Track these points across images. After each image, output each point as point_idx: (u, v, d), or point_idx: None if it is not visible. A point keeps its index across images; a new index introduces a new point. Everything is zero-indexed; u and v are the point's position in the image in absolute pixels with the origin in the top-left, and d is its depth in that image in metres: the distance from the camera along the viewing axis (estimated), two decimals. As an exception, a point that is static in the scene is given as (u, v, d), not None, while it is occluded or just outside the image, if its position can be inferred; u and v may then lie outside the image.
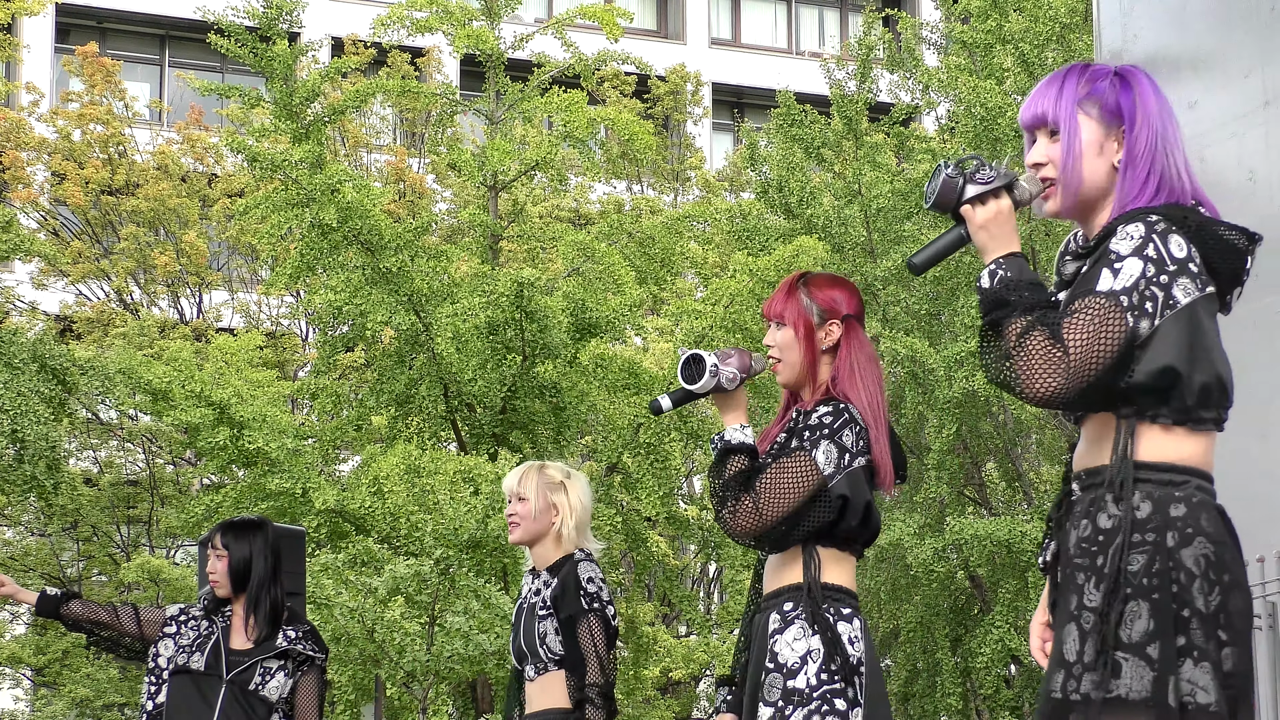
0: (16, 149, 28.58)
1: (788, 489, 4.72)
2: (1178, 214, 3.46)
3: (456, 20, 19.72)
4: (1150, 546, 3.36)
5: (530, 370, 18.57)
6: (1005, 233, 3.54)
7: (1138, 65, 9.32)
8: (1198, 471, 3.45)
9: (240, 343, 22.08)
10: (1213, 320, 3.47)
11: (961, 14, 22.03)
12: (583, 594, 6.18)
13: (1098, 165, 3.55)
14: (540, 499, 6.31)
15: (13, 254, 18.82)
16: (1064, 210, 3.57)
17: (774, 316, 4.93)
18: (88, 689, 24.65)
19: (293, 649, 6.91)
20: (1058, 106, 3.56)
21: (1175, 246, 3.42)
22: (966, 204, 3.56)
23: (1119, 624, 3.33)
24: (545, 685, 6.22)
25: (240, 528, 7.05)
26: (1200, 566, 3.36)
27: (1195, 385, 3.43)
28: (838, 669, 4.69)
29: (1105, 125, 3.55)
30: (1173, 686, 3.30)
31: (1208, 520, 3.41)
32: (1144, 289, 3.39)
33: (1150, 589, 3.33)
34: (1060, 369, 3.35)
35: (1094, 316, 3.37)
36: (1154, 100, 3.58)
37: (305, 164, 17.77)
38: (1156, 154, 3.54)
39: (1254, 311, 9.14)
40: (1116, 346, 3.37)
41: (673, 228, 20.21)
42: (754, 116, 36.38)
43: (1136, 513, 3.39)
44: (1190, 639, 3.32)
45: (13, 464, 17.64)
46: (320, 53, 22.76)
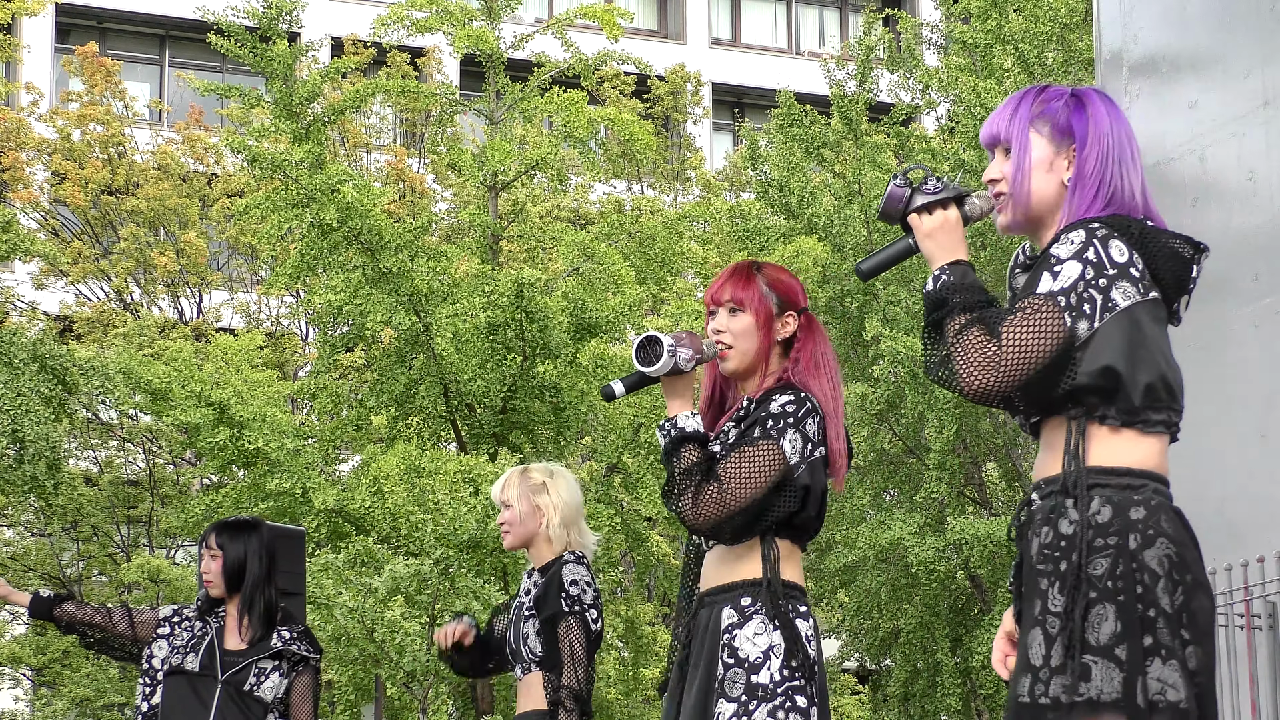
0: (16, 149, 28.58)
1: (755, 477, 4.63)
2: (1121, 222, 3.54)
3: (456, 20, 19.72)
4: (1113, 550, 3.41)
5: (530, 370, 18.57)
6: (951, 241, 3.64)
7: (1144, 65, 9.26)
8: (1154, 475, 3.52)
9: (240, 343, 22.08)
10: (1159, 325, 3.54)
11: (961, 14, 22.03)
12: (564, 595, 6.17)
13: (1047, 181, 3.63)
14: (524, 503, 6.34)
15: (13, 254, 18.82)
16: (1014, 224, 3.66)
17: (730, 301, 4.82)
18: (87, 689, 24.65)
19: (287, 649, 6.88)
20: (1010, 125, 3.67)
21: (1116, 251, 3.50)
22: (913, 213, 3.67)
23: (1084, 626, 3.37)
24: (528, 686, 6.25)
25: (235, 528, 7.02)
26: (1164, 567, 3.41)
27: (1139, 384, 3.49)
28: (798, 665, 4.64)
29: (1055, 143, 3.64)
30: (1141, 686, 3.35)
31: (1168, 522, 3.46)
32: (1082, 291, 3.47)
33: (1115, 591, 3.38)
34: (992, 363, 3.43)
35: (1031, 315, 3.45)
36: (1107, 121, 3.65)
37: (305, 164, 17.77)
38: (1107, 172, 3.61)
39: (1254, 311, 9.14)
40: (1052, 345, 3.44)
41: (673, 228, 20.20)
42: (754, 116, 36.38)
43: (1097, 517, 3.44)
44: (1157, 638, 3.37)
45: (13, 464, 17.64)
46: (320, 53, 22.76)
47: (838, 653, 22.37)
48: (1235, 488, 9.11)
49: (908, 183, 3.69)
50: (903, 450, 20.76)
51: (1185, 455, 9.47)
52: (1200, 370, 9.47)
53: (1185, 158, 9.66)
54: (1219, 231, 9.45)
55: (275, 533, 7.34)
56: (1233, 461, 9.15)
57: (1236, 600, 8.72)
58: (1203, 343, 9.43)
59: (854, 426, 19.74)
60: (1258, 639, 8.59)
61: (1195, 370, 9.49)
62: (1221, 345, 9.33)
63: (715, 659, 4.68)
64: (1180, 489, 10.18)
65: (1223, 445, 9.21)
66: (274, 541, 7.12)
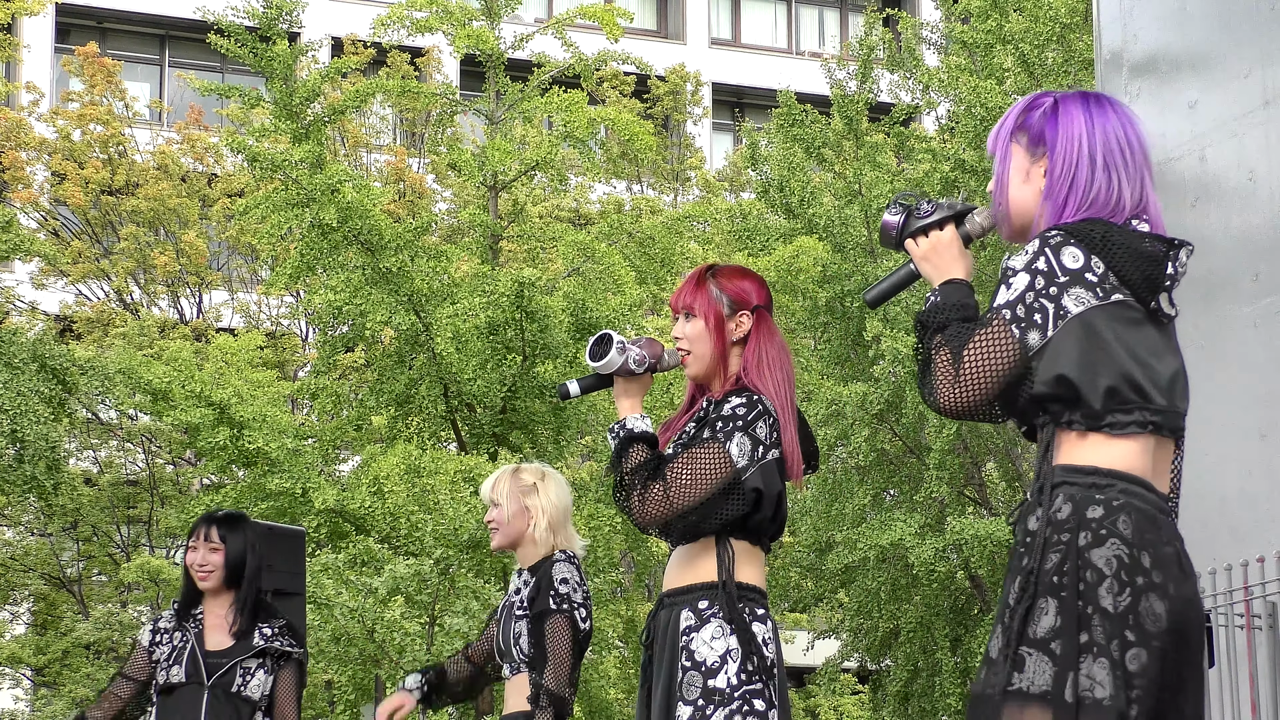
0: (17, 149, 28.58)
1: (698, 478, 4.65)
2: (1082, 228, 3.54)
3: (456, 20, 19.72)
4: (1064, 546, 3.43)
5: (530, 370, 18.57)
6: (945, 261, 3.72)
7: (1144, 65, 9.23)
8: (1125, 475, 3.50)
9: (240, 343, 22.09)
10: (1128, 326, 3.53)
11: (962, 14, 22.03)
12: (553, 594, 6.15)
13: (1024, 192, 3.67)
14: (513, 503, 6.32)
15: (13, 254, 18.82)
16: (1006, 236, 3.71)
17: (683, 308, 4.86)
18: (87, 689, 24.65)
19: (270, 646, 6.83)
20: (996, 138, 3.72)
21: (1069, 258, 3.51)
22: (908, 239, 3.75)
23: (1027, 620, 3.41)
24: (517, 685, 6.21)
25: (231, 521, 6.97)
26: (1111, 567, 3.40)
27: (1099, 389, 3.49)
28: (755, 669, 4.65)
29: (1031, 153, 3.67)
30: (1071, 681, 3.36)
31: (1125, 523, 3.44)
32: (1031, 301, 3.49)
33: (1059, 587, 3.40)
34: (951, 384, 3.51)
35: (983, 333, 3.51)
36: (1082, 124, 3.64)
37: (305, 164, 17.77)
38: (1078, 177, 3.60)
39: (1254, 311, 9.14)
40: (1006, 360, 3.50)
41: (673, 228, 20.20)
42: (754, 116, 36.37)
43: (1057, 514, 3.46)
44: (1092, 636, 3.38)
45: (13, 464, 17.64)
46: (320, 53, 22.76)
47: (838, 653, 22.35)
48: (1235, 488, 9.11)
49: (903, 209, 3.76)
50: (903, 450, 20.76)
51: (1186, 455, 9.47)
52: (1200, 370, 9.46)
53: (1185, 158, 9.66)
54: (1219, 231, 9.45)
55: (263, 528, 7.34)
56: (1233, 461, 9.16)
57: (1236, 600, 8.72)
58: (1203, 342, 9.44)
59: (854, 426, 19.74)
60: (1258, 639, 8.59)
61: (1195, 370, 9.49)
62: (1222, 345, 9.33)
63: (675, 661, 4.69)
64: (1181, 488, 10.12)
65: (1223, 445, 9.21)
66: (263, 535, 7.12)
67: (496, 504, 6.35)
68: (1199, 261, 9.52)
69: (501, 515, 6.34)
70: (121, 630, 25.32)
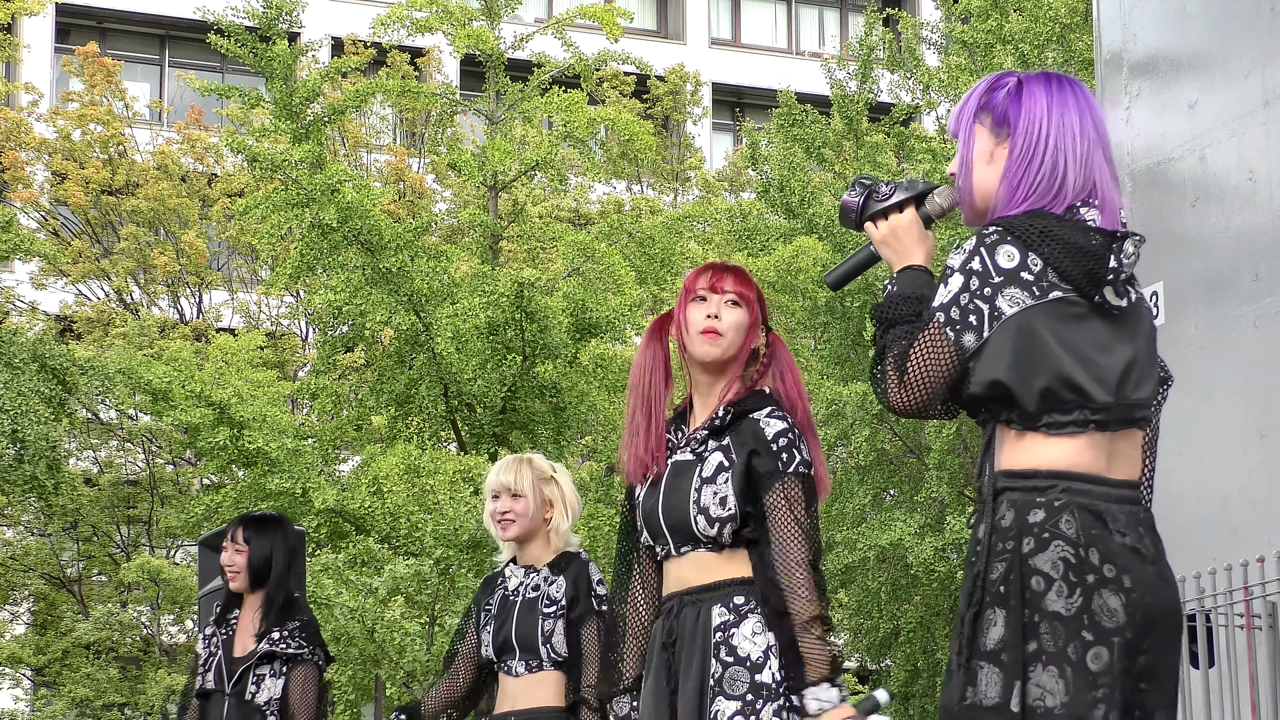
0: (17, 149, 28.58)
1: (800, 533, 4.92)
2: (1020, 223, 3.48)
3: (456, 20, 19.71)
4: (1009, 554, 3.42)
5: (530, 370, 18.57)
6: (905, 245, 3.68)
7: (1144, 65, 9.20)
8: (1066, 474, 3.46)
9: (240, 343, 22.08)
10: (1068, 322, 3.47)
11: (962, 14, 22.03)
12: (594, 596, 6.19)
13: (987, 174, 3.59)
14: (536, 494, 6.24)
15: (13, 254, 18.81)
16: (969, 218, 3.65)
17: (733, 294, 4.83)
18: (87, 689, 24.64)
19: (276, 650, 6.82)
20: (958, 118, 3.64)
21: (1004, 257, 3.46)
22: (868, 221, 3.71)
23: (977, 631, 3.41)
24: (538, 683, 6.14)
25: (261, 522, 7.00)
26: (1059, 570, 3.39)
27: (1033, 390, 3.45)
28: None
29: (995, 134, 3.59)
30: (1018, 691, 3.36)
31: (1068, 523, 3.42)
32: (965, 303, 3.46)
33: (1005, 596, 3.40)
34: (897, 388, 3.51)
35: (923, 336, 3.49)
36: (1043, 104, 3.57)
37: (305, 164, 17.77)
38: (1034, 160, 3.53)
39: (1254, 311, 9.14)
40: (945, 363, 3.48)
41: (673, 228, 20.20)
42: (754, 116, 36.37)
43: (1001, 521, 3.46)
44: (1040, 644, 3.37)
45: (13, 464, 17.64)
46: (320, 53, 22.75)
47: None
48: (1235, 488, 9.11)
49: (863, 190, 3.72)
50: (903, 450, 20.77)
51: (1186, 455, 9.49)
52: (1201, 369, 9.47)
53: (1185, 157, 9.66)
54: (1219, 231, 9.45)
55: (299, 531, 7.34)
56: (1233, 461, 9.15)
57: (1236, 600, 8.72)
58: (1203, 342, 9.44)
59: (854, 426, 19.74)
60: (1258, 639, 8.58)
61: (1196, 369, 9.51)
62: (1221, 344, 9.33)
63: (708, 658, 4.69)
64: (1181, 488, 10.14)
65: (1223, 445, 9.21)
66: (298, 539, 7.11)
67: (519, 495, 6.22)
68: (1199, 261, 9.54)
69: (526, 506, 6.22)
70: (121, 630, 25.32)
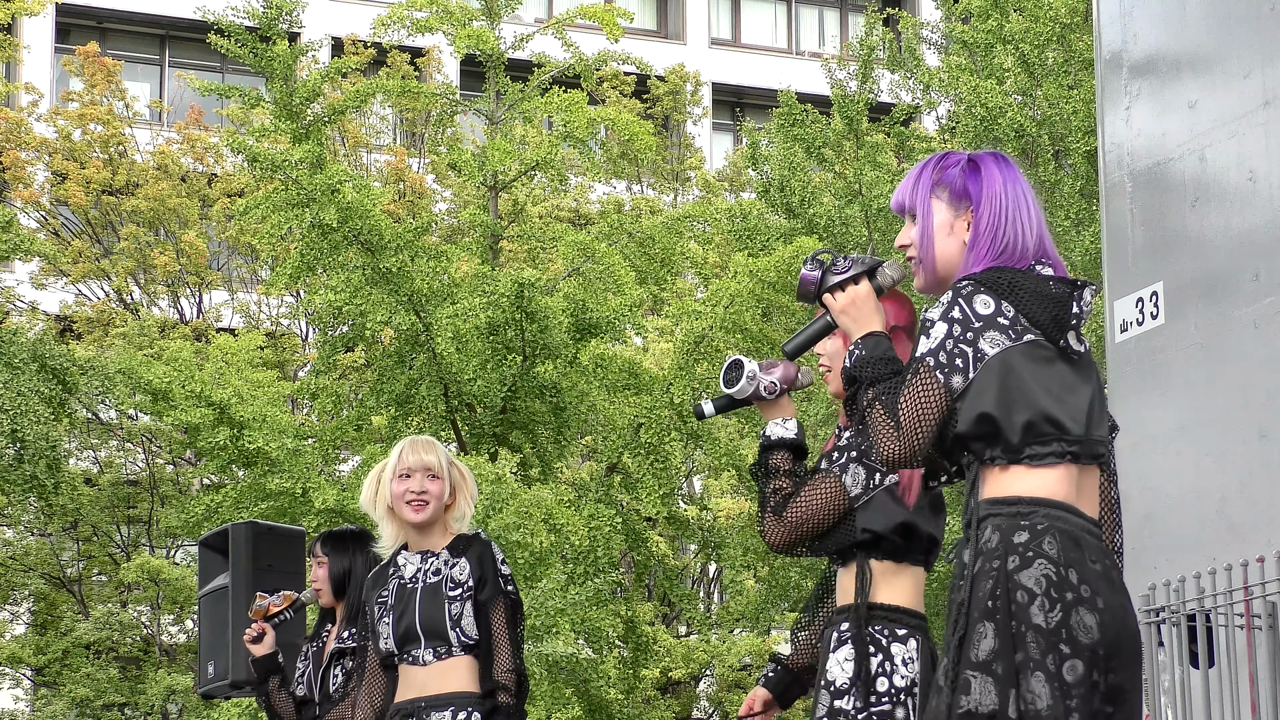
0: (17, 149, 28.58)
1: (815, 511, 4.83)
2: (990, 276, 3.78)
3: (457, 20, 19.71)
4: (995, 572, 3.64)
5: (530, 370, 18.57)
6: (864, 314, 3.94)
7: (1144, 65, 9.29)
8: (1047, 502, 3.69)
9: (240, 343, 22.08)
10: (1041, 364, 3.74)
11: (962, 14, 22.03)
12: (500, 578, 6.05)
13: (949, 244, 3.89)
14: (451, 477, 6.13)
15: (13, 254, 18.82)
16: (926, 286, 3.92)
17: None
18: (88, 689, 24.64)
19: (344, 646, 7.08)
20: (914, 194, 3.94)
21: (980, 305, 3.74)
22: (826, 293, 3.99)
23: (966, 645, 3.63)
24: (448, 669, 6.00)
25: (339, 537, 7.27)
26: (1041, 586, 3.61)
27: (1016, 425, 3.70)
28: (884, 691, 4.73)
29: (954, 208, 3.90)
30: (1014, 699, 3.58)
31: (1051, 544, 3.64)
32: (951, 348, 3.72)
33: (994, 610, 3.62)
34: (893, 437, 3.72)
35: (912, 383, 3.73)
36: (1000, 180, 3.89)
37: (305, 164, 17.76)
38: (999, 230, 3.85)
39: (1254, 311, 9.14)
40: (936, 405, 3.72)
41: (673, 228, 20.19)
42: (754, 117, 36.37)
43: (987, 544, 3.67)
44: (1027, 653, 3.59)
45: (13, 463, 17.64)
46: (320, 53, 22.75)
47: (838, 653, 22.33)
48: (1235, 487, 9.11)
49: (819, 264, 3.99)
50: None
51: (1186, 454, 9.49)
52: (1201, 369, 9.47)
53: (1185, 157, 9.66)
54: (1219, 231, 9.45)
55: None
56: (1233, 461, 9.16)
57: (1236, 600, 8.72)
58: (1203, 342, 9.44)
59: (854, 426, 19.73)
60: (1258, 639, 8.58)
61: (1195, 369, 9.51)
62: (1221, 344, 9.33)
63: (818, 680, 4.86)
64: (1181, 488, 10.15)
65: (1223, 445, 9.21)
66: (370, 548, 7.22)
67: (438, 476, 6.08)
68: (1199, 261, 9.54)
69: (441, 489, 6.09)
70: (121, 630, 25.33)
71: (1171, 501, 9.37)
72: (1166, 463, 9.47)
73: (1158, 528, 9.42)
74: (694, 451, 23.55)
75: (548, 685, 17.04)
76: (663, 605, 26.94)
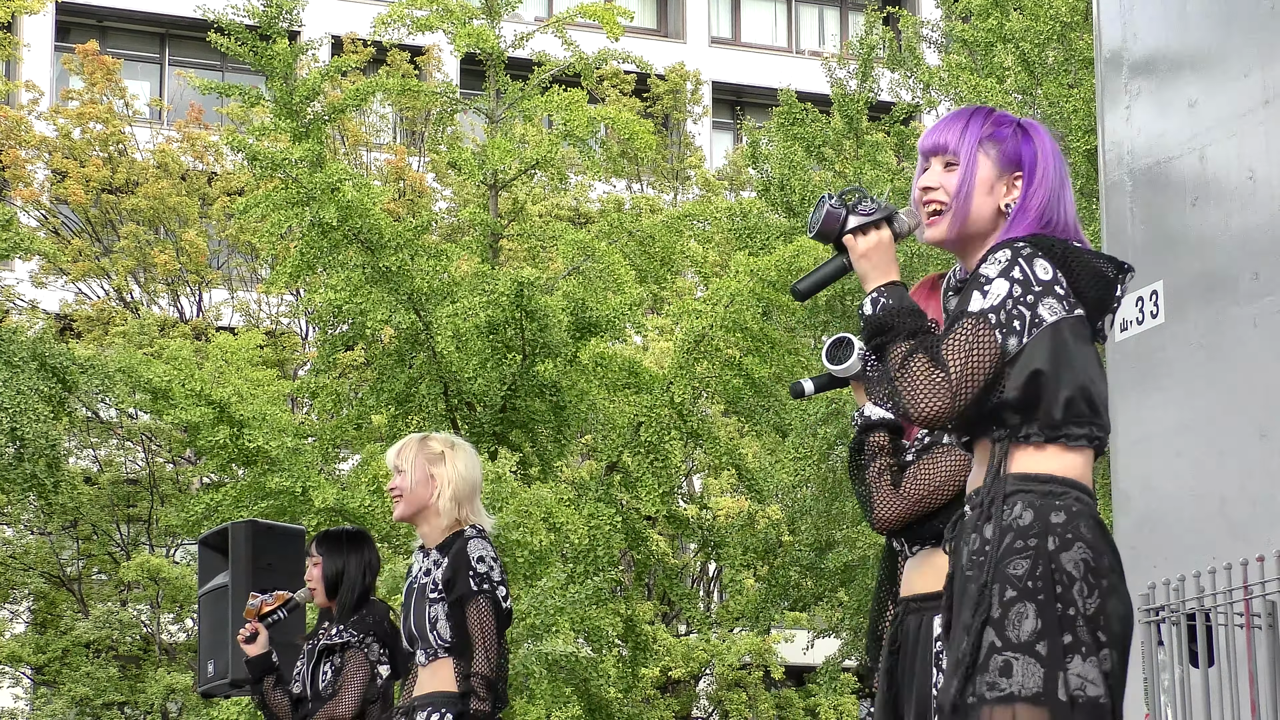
0: (17, 147, 28.58)
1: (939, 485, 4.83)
2: (1045, 241, 3.65)
3: (457, 19, 19.71)
4: (1033, 551, 3.51)
5: (530, 369, 18.57)
6: (885, 262, 3.72)
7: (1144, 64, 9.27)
8: (1076, 484, 3.60)
9: (240, 341, 22.07)
10: (1083, 343, 3.64)
11: (962, 12, 22.03)
12: (472, 575, 5.95)
13: (986, 203, 3.72)
14: (419, 471, 6.10)
15: (13, 252, 18.81)
16: (949, 236, 3.74)
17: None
18: (87, 687, 24.64)
19: (331, 643, 7.04)
20: (961, 139, 3.75)
21: (1040, 269, 3.60)
22: (849, 234, 3.74)
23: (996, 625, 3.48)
24: (435, 670, 6.03)
25: (333, 539, 7.22)
26: (1080, 570, 3.51)
27: (1061, 397, 3.58)
28: None
29: (1000, 169, 3.73)
30: (1062, 681, 3.45)
31: (1086, 528, 3.54)
32: (1011, 308, 3.58)
33: (1035, 590, 3.49)
34: (943, 391, 3.54)
35: (967, 336, 3.56)
36: (1051, 155, 3.76)
37: (305, 163, 17.76)
38: (1046, 203, 3.72)
39: (1254, 310, 9.14)
40: (990, 363, 3.56)
41: (673, 226, 20.19)
42: (754, 115, 36.37)
43: (1019, 520, 3.54)
44: (1076, 636, 3.48)
45: (12, 462, 17.64)
46: (320, 51, 22.75)
47: (838, 651, 22.35)
48: (1235, 486, 9.11)
49: (842, 203, 3.75)
50: (903, 449, 20.76)
51: (1186, 453, 9.48)
52: (1201, 369, 9.47)
53: (1185, 157, 9.66)
54: (1219, 230, 9.45)
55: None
56: (1233, 460, 9.15)
57: (1236, 599, 8.72)
58: (1203, 341, 9.43)
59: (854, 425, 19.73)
60: (1258, 638, 8.58)
61: (1196, 369, 9.51)
62: (1222, 344, 9.33)
63: (929, 668, 4.78)
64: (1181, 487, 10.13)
65: (1223, 444, 9.21)
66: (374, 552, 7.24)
67: (401, 470, 6.11)
68: (1199, 260, 9.54)
69: (405, 482, 6.10)
70: (121, 629, 25.32)
71: (1171, 500, 9.36)
72: (1166, 462, 9.46)
73: (1157, 527, 9.42)
74: (694, 450, 23.55)
75: (548, 684, 17.04)
76: (662, 604, 26.94)
